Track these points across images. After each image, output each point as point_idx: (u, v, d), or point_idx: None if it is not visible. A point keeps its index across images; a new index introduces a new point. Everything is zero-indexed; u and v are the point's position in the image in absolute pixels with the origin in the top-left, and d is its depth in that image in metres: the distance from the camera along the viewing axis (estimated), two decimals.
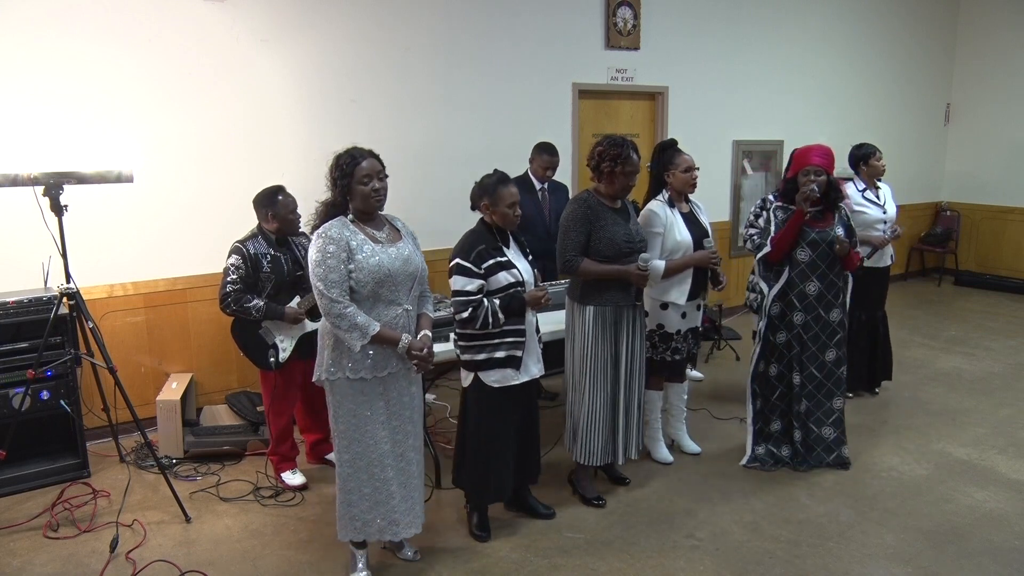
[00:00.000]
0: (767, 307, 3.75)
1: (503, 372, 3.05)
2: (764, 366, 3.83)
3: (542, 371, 3.20)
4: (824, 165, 3.62)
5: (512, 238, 3.17)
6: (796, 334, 3.72)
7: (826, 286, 3.67)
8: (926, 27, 8.36)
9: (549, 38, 5.69)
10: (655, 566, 3.00)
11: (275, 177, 3.99)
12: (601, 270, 3.31)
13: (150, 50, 4.19)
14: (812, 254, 3.64)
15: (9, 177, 3.29)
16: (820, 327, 3.70)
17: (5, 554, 3.13)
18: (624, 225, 3.37)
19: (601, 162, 3.33)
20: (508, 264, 3.04)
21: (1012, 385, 5.13)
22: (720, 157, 6.87)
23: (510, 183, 3.05)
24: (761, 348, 3.80)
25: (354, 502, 2.80)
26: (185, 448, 4.05)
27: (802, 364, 3.73)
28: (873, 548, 3.11)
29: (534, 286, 3.10)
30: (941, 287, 8.43)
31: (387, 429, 2.78)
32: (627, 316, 3.42)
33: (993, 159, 8.46)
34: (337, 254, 2.61)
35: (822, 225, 3.65)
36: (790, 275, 3.69)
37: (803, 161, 3.65)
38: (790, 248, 3.66)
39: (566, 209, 3.41)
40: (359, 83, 4.90)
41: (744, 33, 6.79)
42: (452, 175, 5.21)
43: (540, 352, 3.20)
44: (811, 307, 3.69)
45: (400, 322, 2.73)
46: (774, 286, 3.73)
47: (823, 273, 3.66)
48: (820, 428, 3.79)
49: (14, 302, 3.63)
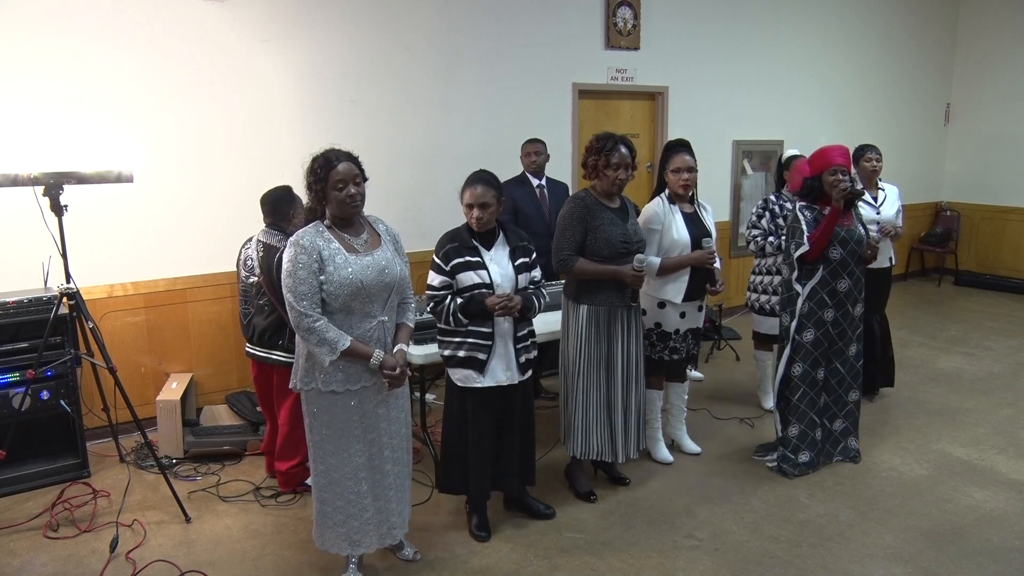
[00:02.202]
0: (800, 306, 3.73)
1: (464, 372, 3.05)
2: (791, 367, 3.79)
3: (513, 379, 3.09)
4: (847, 163, 3.70)
5: (505, 239, 3.12)
6: (825, 331, 3.74)
7: (854, 282, 3.74)
8: (926, 27, 8.36)
9: (549, 38, 5.69)
10: (655, 566, 3.00)
11: (275, 177, 3.99)
12: (596, 270, 3.31)
13: (150, 50, 4.19)
14: (843, 251, 3.68)
15: (9, 177, 3.29)
16: (848, 323, 3.77)
17: (5, 554, 3.13)
18: (621, 225, 3.36)
19: (588, 158, 3.36)
20: (478, 265, 3.00)
21: (1012, 385, 5.13)
22: (720, 157, 6.87)
23: (475, 184, 3.00)
24: (792, 349, 3.76)
25: (328, 513, 2.75)
26: (185, 448, 4.05)
27: (828, 359, 3.78)
28: (873, 548, 3.11)
29: (512, 291, 3.03)
30: (941, 287, 8.43)
31: (362, 443, 2.71)
32: (622, 317, 3.41)
33: (993, 159, 8.46)
34: (308, 264, 2.52)
35: (847, 223, 3.71)
36: (823, 273, 3.70)
37: (826, 161, 3.68)
38: (826, 246, 3.68)
39: (563, 208, 3.41)
40: (359, 83, 4.90)
41: (744, 33, 6.79)
42: (452, 175, 5.17)
43: (516, 359, 3.10)
44: (841, 304, 3.73)
45: (375, 335, 2.65)
46: (807, 284, 3.72)
47: (852, 270, 3.72)
48: (832, 422, 3.87)
49: (14, 302, 3.63)
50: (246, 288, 3.62)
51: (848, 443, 3.92)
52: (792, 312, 3.75)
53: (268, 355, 3.53)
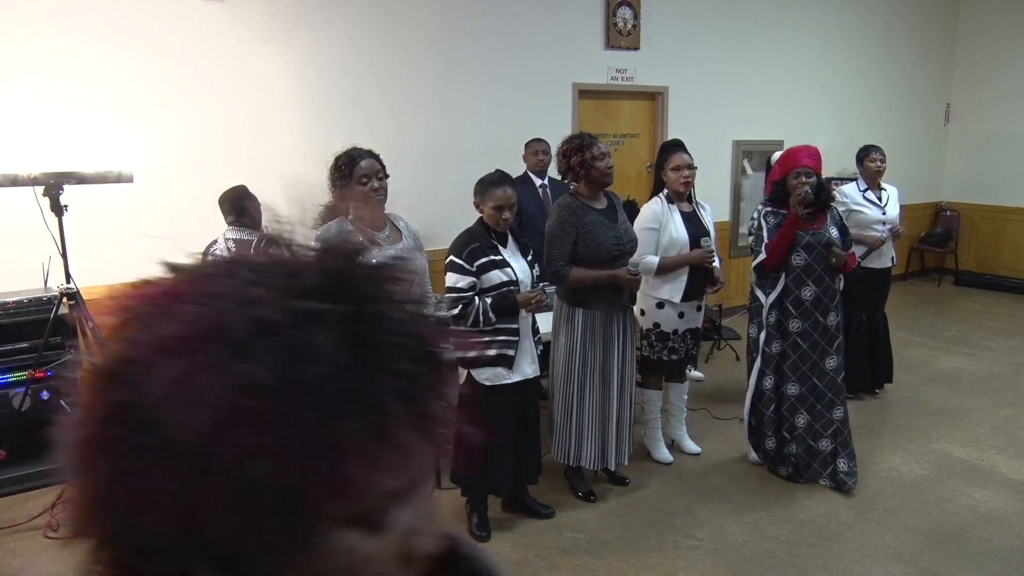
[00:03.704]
0: (765, 317, 3.60)
1: (494, 371, 3.06)
2: (762, 380, 3.68)
3: (536, 372, 3.17)
4: (813, 166, 3.51)
5: (513, 238, 3.16)
6: (792, 342, 3.56)
7: (822, 290, 3.52)
8: (926, 27, 8.36)
9: (549, 38, 5.68)
10: (655, 566, 3.00)
11: (275, 177, 4.00)
12: (591, 277, 3.26)
13: (150, 50, 4.19)
14: (808, 257, 3.49)
15: (9, 177, 3.29)
16: (819, 333, 3.55)
17: (5, 554, 3.13)
18: (612, 227, 3.32)
19: (570, 159, 3.30)
20: (502, 263, 3.03)
21: (1012, 385, 5.13)
22: (720, 157, 6.86)
23: (503, 185, 3.02)
24: (762, 361, 3.64)
25: None
26: None
27: (802, 375, 3.56)
28: (873, 548, 3.11)
29: (530, 286, 3.09)
30: (941, 287, 8.42)
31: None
32: (618, 320, 3.40)
33: (993, 159, 8.45)
34: None
35: (815, 227, 3.52)
36: (786, 281, 3.55)
37: (792, 163, 3.53)
38: (786, 253, 3.52)
39: (550, 217, 3.35)
40: (359, 83, 4.90)
41: (744, 33, 6.79)
42: (452, 175, 5.21)
43: (536, 353, 3.17)
44: (808, 313, 3.53)
45: None
46: (771, 293, 3.58)
47: (819, 277, 3.51)
48: (818, 441, 3.61)
49: (14, 302, 3.63)
50: None
51: (838, 465, 3.61)
52: (759, 323, 3.61)
53: None
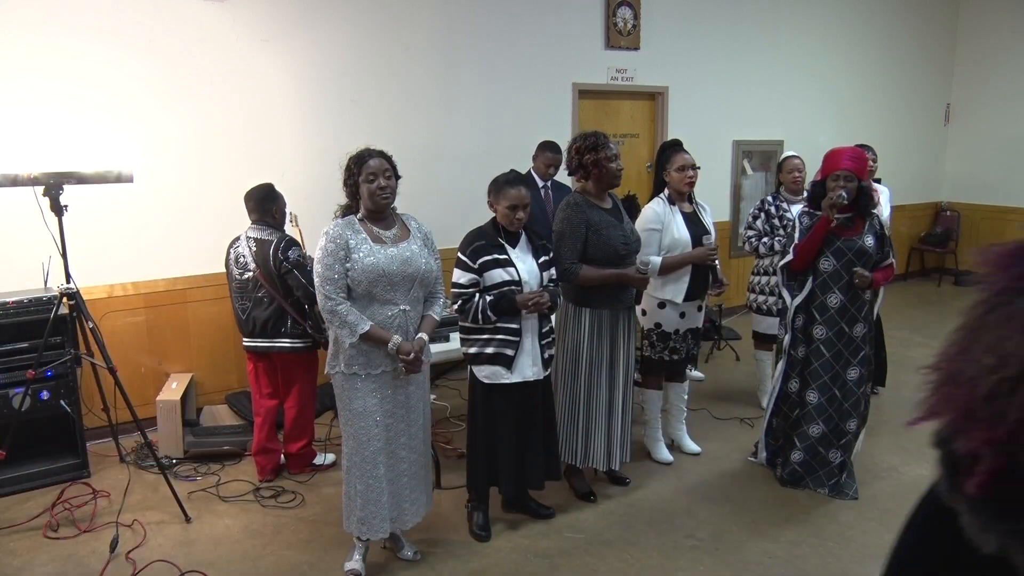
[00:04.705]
0: (791, 319, 3.52)
1: (492, 369, 3.07)
2: (787, 382, 3.60)
3: (538, 375, 3.14)
4: (855, 170, 3.35)
5: (527, 238, 3.16)
6: (815, 349, 3.46)
7: (850, 298, 3.39)
8: (926, 27, 8.36)
9: (549, 38, 5.69)
10: (655, 566, 3.00)
11: (275, 177, 3.99)
12: (602, 276, 3.28)
13: (150, 50, 4.19)
14: (836, 263, 3.36)
15: (9, 177, 3.29)
16: (843, 343, 3.42)
17: (5, 554, 3.13)
18: (619, 227, 3.35)
19: (583, 157, 3.31)
20: (506, 262, 3.04)
21: None
22: (720, 157, 6.86)
23: (518, 185, 3.05)
24: (787, 364, 3.56)
25: (351, 496, 2.87)
26: (185, 448, 4.05)
27: (823, 385, 3.47)
28: (873, 548, 3.11)
29: (537, 287, 3.08)
30: (941, 287, 8.42)
31: (380, 427, 2.81)
32: (623, 319, 3.41)
33: (993, 159, 8.45)
34: (335, 252, 2.70)
35: (850, 233, 3.38)
36: (813, 286, 3.44)
37: (834, 164, 3.38)
38: (814, 257, 3.40)
39: (558, 215, 3.36)
40: (359, 83, 4.90)
41: (744, 33, 6.79)
42: (452, 175, 5.21)
43: (539, 355, 3.13)
44: (833, 321, 3.41)
45: (396, 322, 2.77)
46: (797, 296, 3.49)
47: (847, 285, 3.37)
48: (828, 451, 3.53)
49: (14, 302, 3.63)
50: (241, 284, 3.68)
51: (843, 480, 3.54)
52: (786, 325, 3.55)
53: (273, 343, 3.65)
